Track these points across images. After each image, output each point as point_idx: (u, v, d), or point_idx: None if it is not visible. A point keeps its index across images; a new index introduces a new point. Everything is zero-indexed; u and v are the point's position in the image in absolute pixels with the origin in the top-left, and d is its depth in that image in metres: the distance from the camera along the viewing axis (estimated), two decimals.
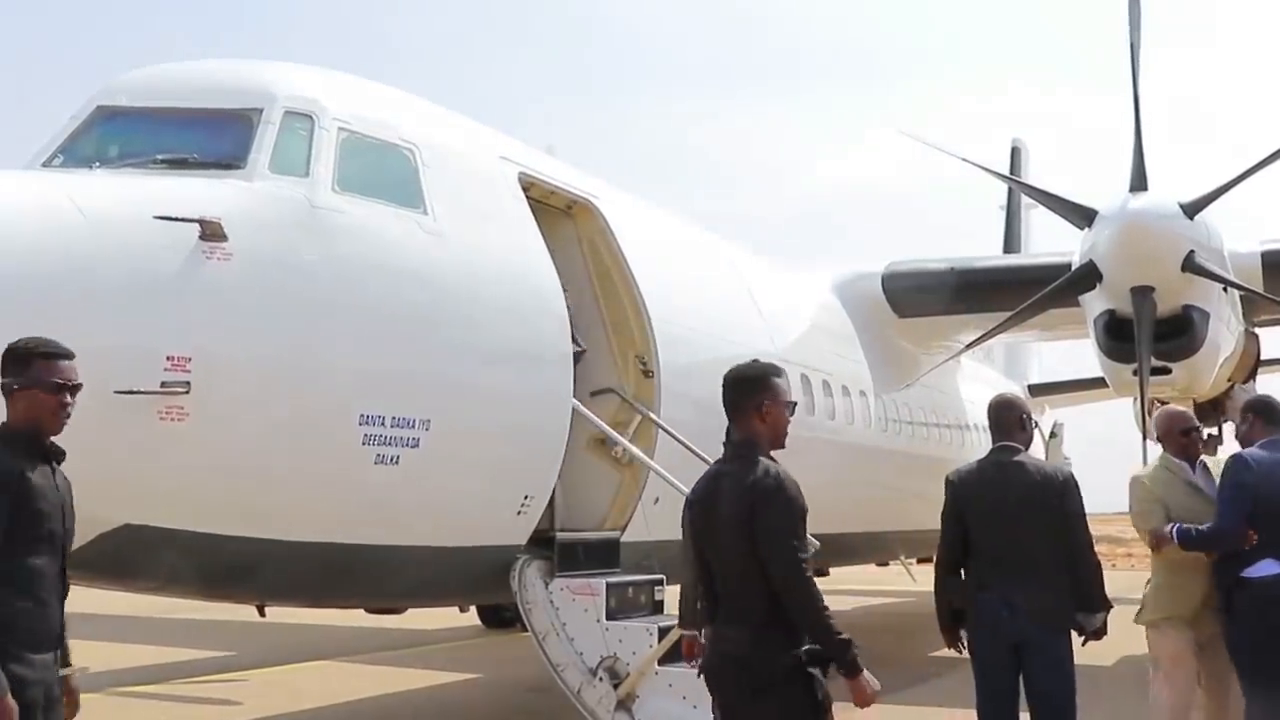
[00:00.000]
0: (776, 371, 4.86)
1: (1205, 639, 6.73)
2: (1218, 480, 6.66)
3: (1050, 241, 16.65)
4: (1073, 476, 6.31)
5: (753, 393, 4.77)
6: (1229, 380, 12.50)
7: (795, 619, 4.39)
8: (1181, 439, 6.90)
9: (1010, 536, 6.10)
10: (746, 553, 4.42)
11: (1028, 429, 6.46)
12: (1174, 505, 6.69)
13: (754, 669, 4.41)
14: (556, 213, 9.05)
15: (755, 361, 5.01)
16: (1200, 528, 6.50)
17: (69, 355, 4.38)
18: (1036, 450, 7.65)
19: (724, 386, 4.85)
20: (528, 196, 8.39)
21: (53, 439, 4.34)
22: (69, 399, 4.34)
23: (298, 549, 6.57)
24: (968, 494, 6.29)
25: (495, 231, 7.82)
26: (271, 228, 6.43)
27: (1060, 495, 6.14)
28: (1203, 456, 6.96)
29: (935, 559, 6.52)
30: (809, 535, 4.54)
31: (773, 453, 4.71)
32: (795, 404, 4.84)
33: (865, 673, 4.42)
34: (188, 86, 7.10)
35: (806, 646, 4.42)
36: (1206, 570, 6.62)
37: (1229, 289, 11.06)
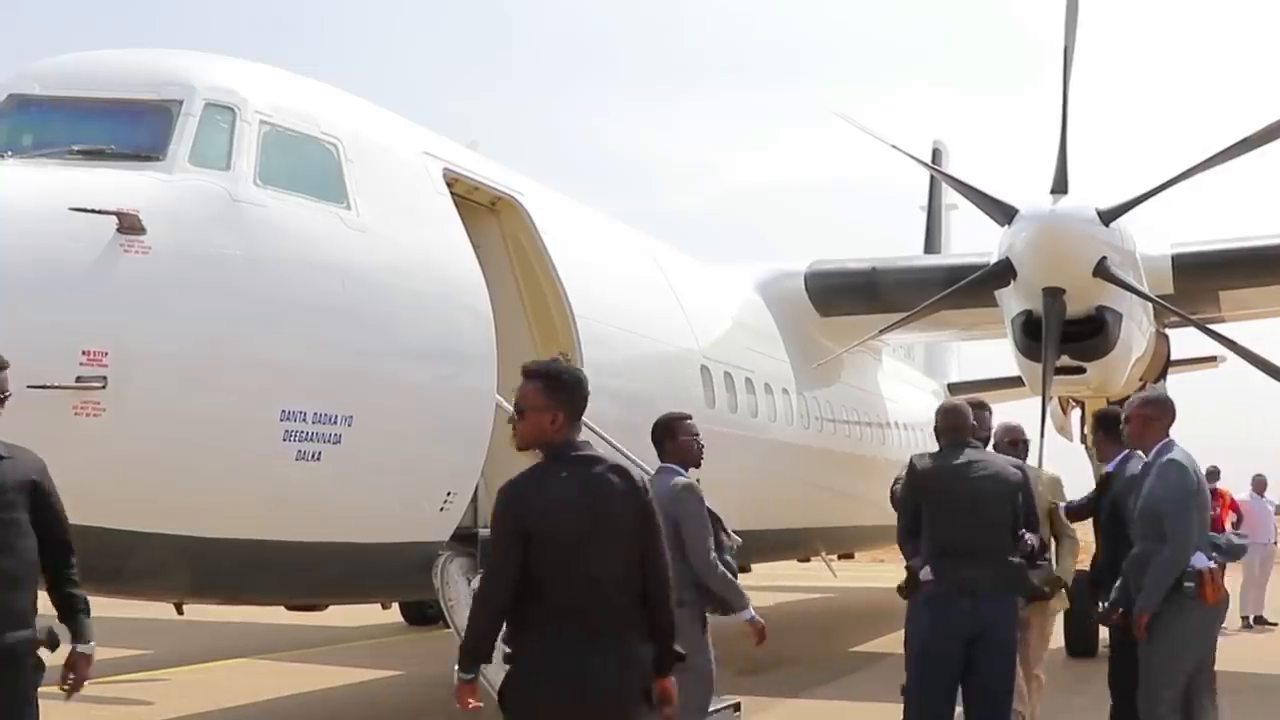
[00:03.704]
0: None
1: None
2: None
3: (971, 245, 16.88)
4: (1026, 474, 6.85)
5: None
6: (1141, 380, 12.79)
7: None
8: (1009, 448, 7.67)
9: (974, 528, 6.41)
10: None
11: (975, 434, 6.92)
12: None
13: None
14: (481, 209, 9.03)
15: None
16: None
17: (5, 365, 4.48)
18: None
19: None
20: (452, 192, 8.36)
21: None
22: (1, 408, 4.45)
23: (217, 546, 6.50)
24: (929, 482, 6.60)
25: (419, 227, 7.78)
26: (191, 221, 6.35)
27: (1021, 490, 6.60)
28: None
29: (900, 536, 6.93)
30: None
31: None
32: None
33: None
34: (105, 76, 6.98)
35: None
36: None
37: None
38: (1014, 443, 7.84)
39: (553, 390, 4.27)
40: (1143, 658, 6.35)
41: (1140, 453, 6.75)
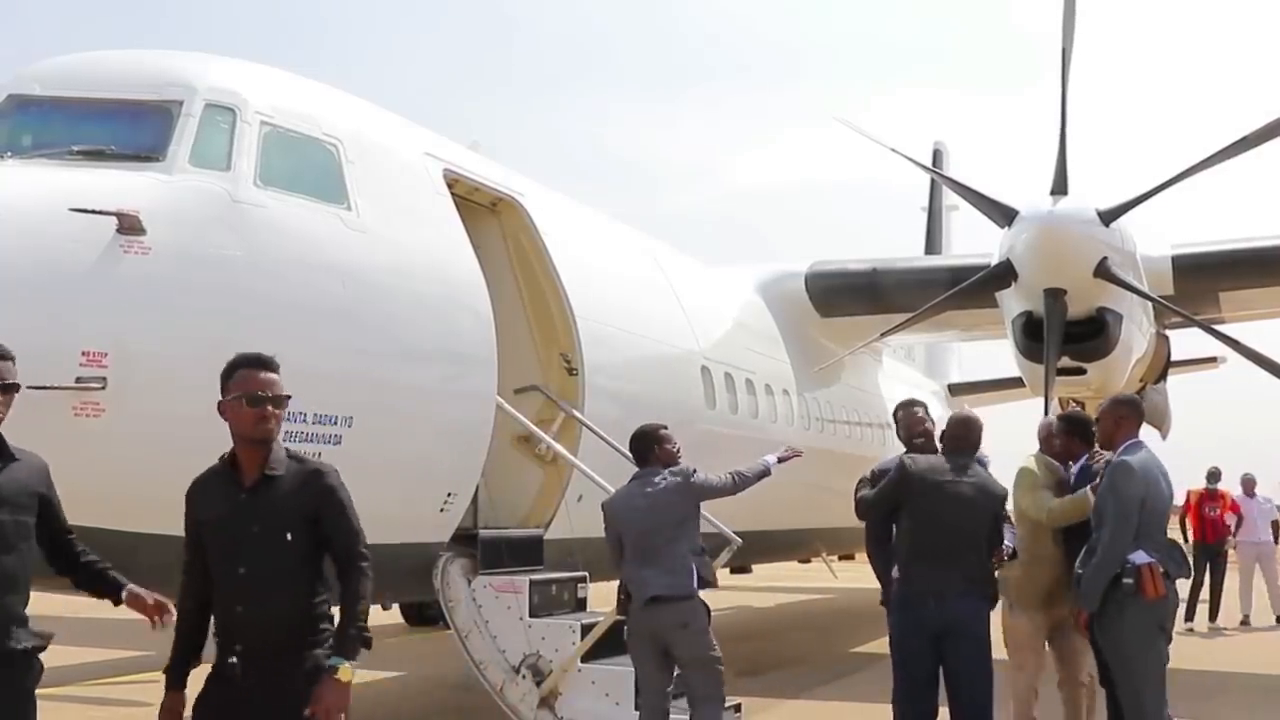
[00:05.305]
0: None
1: (1056, 622, 7.23)
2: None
3: (972, 245, 16.89)
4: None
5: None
6: (1141, 381, 12.80)
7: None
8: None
9: (952, 534, 6.49)
10: None
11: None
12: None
13: None
14: (481, 209, 9.03)
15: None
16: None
17: (11, 356, 4.44)
18: None
19: None
20: (452, 193, 8.36)
21: None
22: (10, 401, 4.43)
23: None
24: (916, 483, 6.62)
25: (419, 227, 7.78)
26: (191, 222, 6.34)
27: (1002, 503, 6.75)
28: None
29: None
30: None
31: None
32: None
33: None
34: (105, 76, 6.98)
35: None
36: (1056, 559, 7.09)
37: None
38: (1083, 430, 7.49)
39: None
40: (1110, 665, 6.39)
41: (1106, 453, 6.79)
